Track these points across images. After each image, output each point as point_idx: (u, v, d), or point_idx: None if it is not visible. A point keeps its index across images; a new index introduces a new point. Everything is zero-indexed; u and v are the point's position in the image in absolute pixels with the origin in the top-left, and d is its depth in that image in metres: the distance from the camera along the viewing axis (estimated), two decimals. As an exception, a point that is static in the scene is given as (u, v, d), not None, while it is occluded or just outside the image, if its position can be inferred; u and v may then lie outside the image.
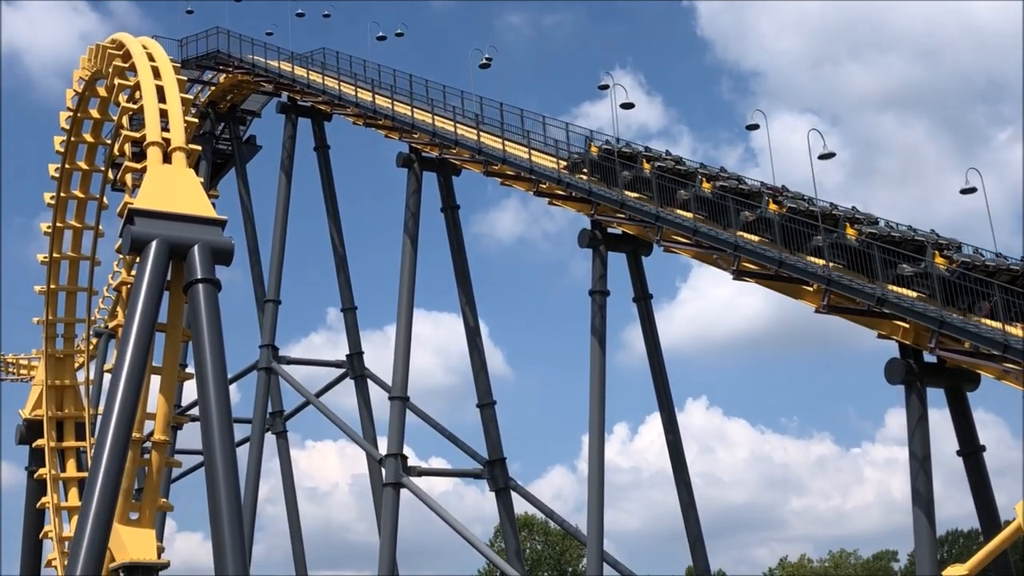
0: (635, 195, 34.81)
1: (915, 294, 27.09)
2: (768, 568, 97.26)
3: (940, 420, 31.91)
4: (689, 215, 32.71)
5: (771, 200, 31.51)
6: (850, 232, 29.23)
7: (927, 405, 26.51)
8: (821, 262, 28.68)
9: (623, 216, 34.56)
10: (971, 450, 27.45)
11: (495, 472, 42.77)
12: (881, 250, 27.67)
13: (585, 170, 37.14)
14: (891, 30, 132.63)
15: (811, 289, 28.81)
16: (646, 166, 34.96)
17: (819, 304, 28.10)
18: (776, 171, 32.91)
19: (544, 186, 37.04)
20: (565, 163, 38.11)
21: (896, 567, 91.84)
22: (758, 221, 31.38)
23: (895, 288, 27.32)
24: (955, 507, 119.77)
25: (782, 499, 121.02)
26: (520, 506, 46.62)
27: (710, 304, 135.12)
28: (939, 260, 27.46)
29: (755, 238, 31.09)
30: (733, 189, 32.50)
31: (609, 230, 35.96)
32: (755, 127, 32.78)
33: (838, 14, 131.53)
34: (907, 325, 26.50)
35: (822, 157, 29.93)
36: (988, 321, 25.60)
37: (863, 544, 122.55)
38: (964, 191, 28.37)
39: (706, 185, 33.02)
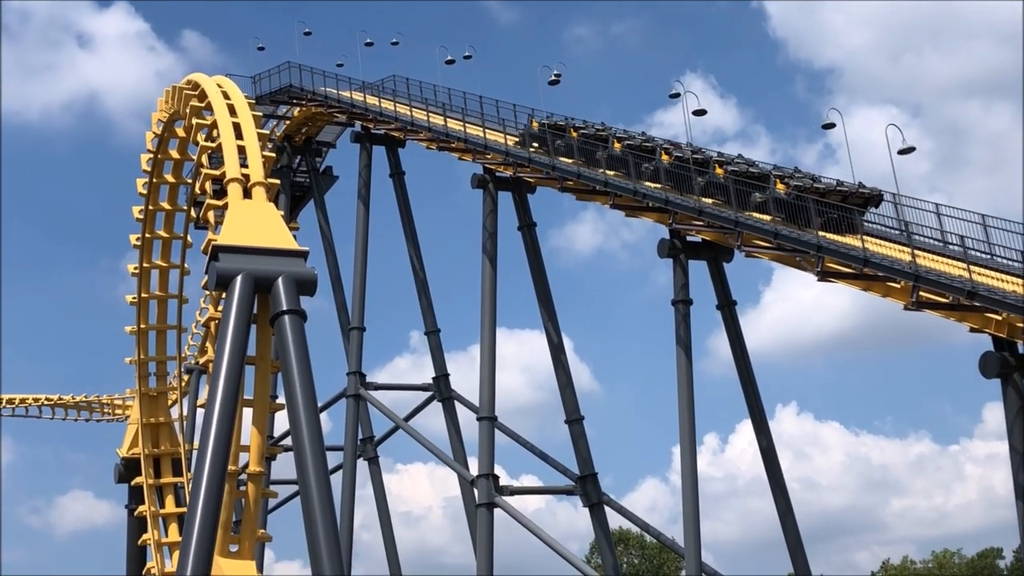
0: (711, 201, 34.58)
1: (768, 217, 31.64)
2: (871, 572, 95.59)
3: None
4: (767, 218, 32.37)
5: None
6: None
7: (1026, 397, 25.91)
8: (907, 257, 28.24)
9: (701, 223, 34.29)
10: (1073, 441, 26.72)
11: (587, 488, 42.59)
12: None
13: (535, 144, 40.28)
14: (971, 15, 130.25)
15: (899, 286, 28.38)
16: (573, 133, 38.41)
17: (908, 301, 27.68)
18: (857, 167, 32.54)
19: (620, 198, 36.93)
20: (516, 139, 41.35)
21: (1002, 564, 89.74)
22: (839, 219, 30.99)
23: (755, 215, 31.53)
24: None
25: (882, 501, 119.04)
26: (614, 520, 46.40)
27: (795, 307, 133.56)
28: (780, 186, 32.30)
29: (837, 237, 30.66)
30: (809, 188, 32.13)
31: (688, 238, 35.74)
32: (831, 126, 32.44)
33: (914, 5, 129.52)
34: (999, 317, 25.99)
35: (902, 152, 29.55)
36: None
37: (967, 543, 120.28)
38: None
39: (780, 187, 32.69)
